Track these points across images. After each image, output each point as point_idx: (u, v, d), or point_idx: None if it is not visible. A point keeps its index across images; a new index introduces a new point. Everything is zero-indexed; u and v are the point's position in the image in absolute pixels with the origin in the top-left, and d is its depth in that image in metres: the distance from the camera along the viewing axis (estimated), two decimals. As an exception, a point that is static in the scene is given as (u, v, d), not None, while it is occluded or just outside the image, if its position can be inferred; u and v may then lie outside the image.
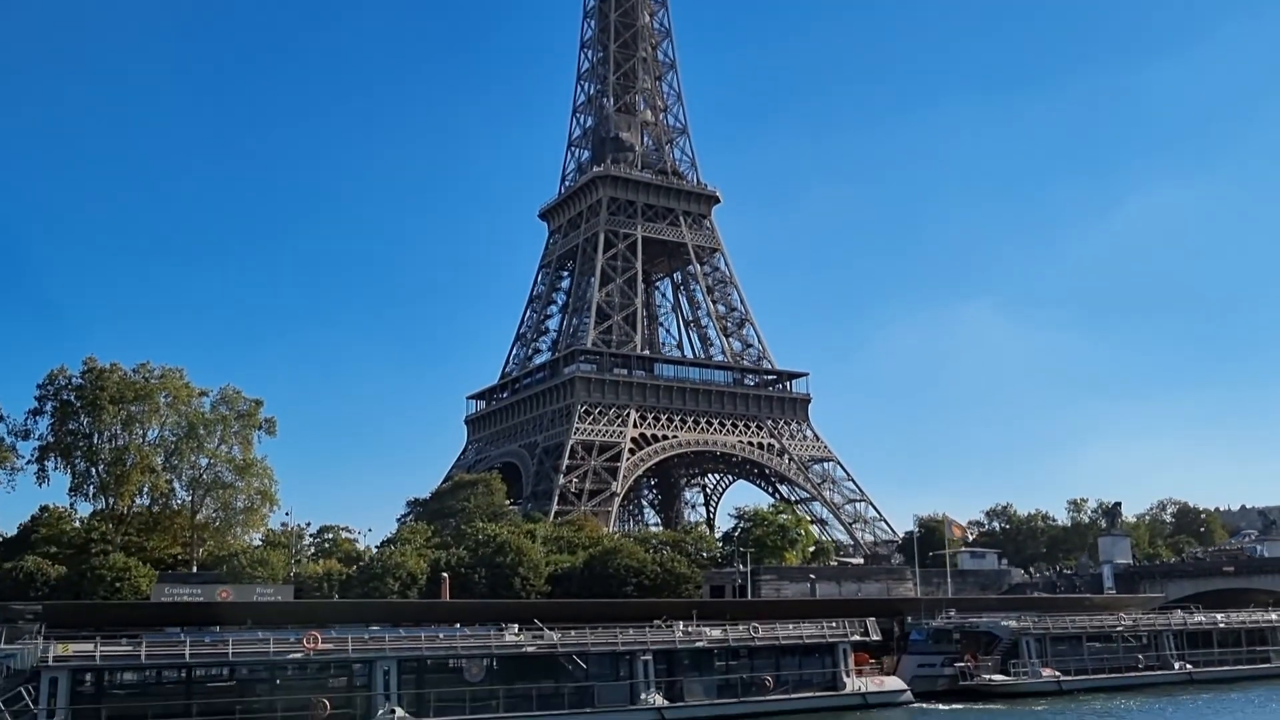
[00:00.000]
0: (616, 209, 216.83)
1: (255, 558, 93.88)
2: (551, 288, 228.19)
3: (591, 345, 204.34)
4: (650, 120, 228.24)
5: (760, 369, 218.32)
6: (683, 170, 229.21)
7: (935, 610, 75.25)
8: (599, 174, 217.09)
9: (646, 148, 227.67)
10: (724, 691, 56.70)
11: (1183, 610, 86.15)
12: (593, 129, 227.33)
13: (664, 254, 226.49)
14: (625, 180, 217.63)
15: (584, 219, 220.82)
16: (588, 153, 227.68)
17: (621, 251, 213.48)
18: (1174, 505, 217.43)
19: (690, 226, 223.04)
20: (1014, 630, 70.81)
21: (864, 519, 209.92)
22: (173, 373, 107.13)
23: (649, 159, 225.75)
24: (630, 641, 54.47)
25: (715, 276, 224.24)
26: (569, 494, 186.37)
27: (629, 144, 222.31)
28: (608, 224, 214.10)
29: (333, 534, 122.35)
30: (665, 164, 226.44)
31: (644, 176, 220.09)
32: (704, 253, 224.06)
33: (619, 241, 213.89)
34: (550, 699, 51.84)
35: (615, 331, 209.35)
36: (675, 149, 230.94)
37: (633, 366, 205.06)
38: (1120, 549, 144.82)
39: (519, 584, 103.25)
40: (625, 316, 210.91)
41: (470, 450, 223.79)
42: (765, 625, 59.92)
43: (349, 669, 48.97)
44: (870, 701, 60.96)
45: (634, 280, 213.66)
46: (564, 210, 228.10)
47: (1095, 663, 73.35)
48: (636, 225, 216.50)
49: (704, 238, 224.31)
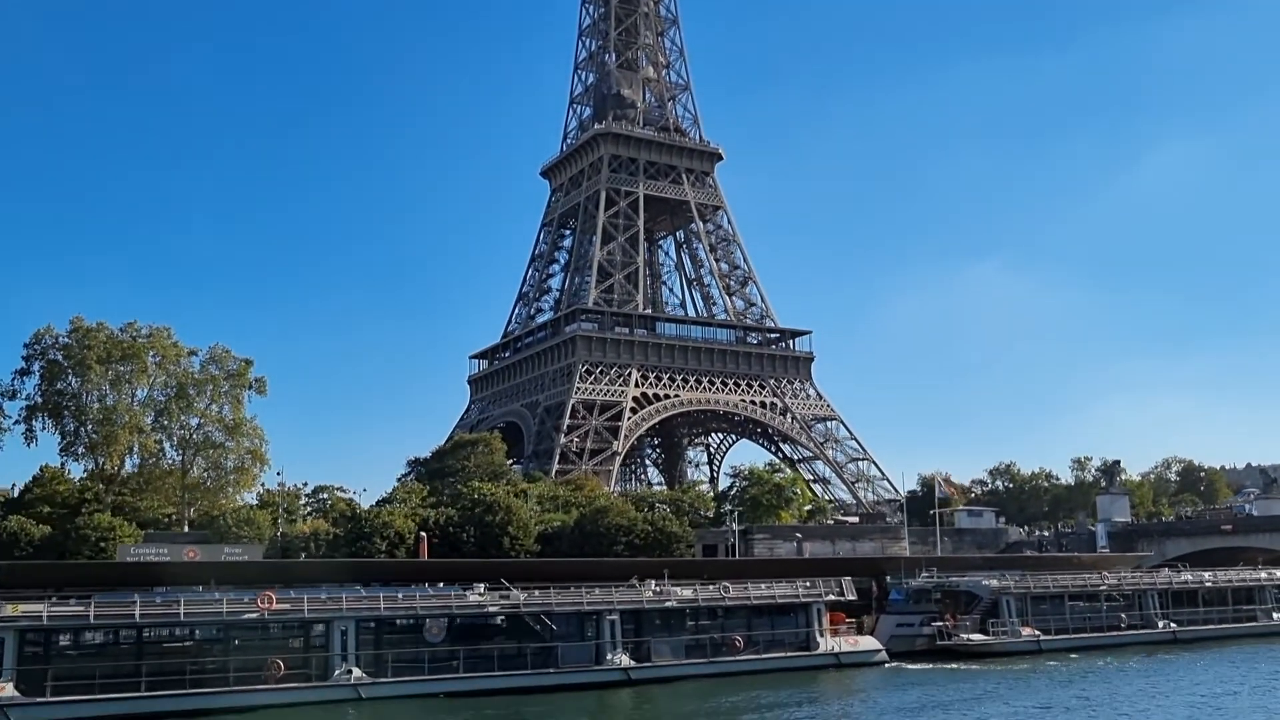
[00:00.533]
0: (618, 166, 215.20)
1: (241, 517, 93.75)
2: (553, 246, 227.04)
3: (593, 304, 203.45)
4: (652, 77, 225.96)
5: (763, 327, 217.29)
6: (685, 127, 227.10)
7: (916, 569, 74.66)
8: (600, 131, 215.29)
9: (648, 104, 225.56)
10: (692, 652, 56.33)
11: (1169, 569, 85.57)
12: (594, 86, 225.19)
13: (666, 212, 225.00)
14: (626, 138, 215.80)
15: (585, 177, 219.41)
16: (589, 110, 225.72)
17: (623, 209, 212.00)
18: (1179, 464, 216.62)
19: (693, 184, 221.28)
20: (994, 589, 70.26)
21: (866, 478, 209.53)
22: (160, 332, 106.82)
23: (651, 116, 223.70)
24: (596, 602, 54.10)
25: (718, 235, 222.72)
26: (570, 453, 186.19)
27: (630, 101, 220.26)
28: (609, 182, 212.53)
29: (328, 494, 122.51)
30: (667, 121, 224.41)
31: (645, 134, 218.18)
32: (706, 210, 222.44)
33: (620, 199, 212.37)
34: (513, 660, 51.52)
35: (617, 290, 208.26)
36: (678, 106, 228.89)
37: (634, 325, 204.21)
38: (1119, 507, 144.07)
39: (508, 543, 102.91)
40: (627, 275, 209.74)
41: (473, 410, 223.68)
42: (737, 585, 59.45)
43: (306, 629, 48.63)
44: (844, 662, 60.53)
45: (636, 238, 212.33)
46: (565, 168, 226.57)
47: (1077, 622, 72.65)
48: (638, 183, 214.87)
49: (707, 195, 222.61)
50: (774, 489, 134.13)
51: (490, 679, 50.13)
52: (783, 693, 52.07)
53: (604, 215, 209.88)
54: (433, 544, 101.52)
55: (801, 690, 53.02)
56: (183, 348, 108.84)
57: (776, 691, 52.27)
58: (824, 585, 62.18)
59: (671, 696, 51.70)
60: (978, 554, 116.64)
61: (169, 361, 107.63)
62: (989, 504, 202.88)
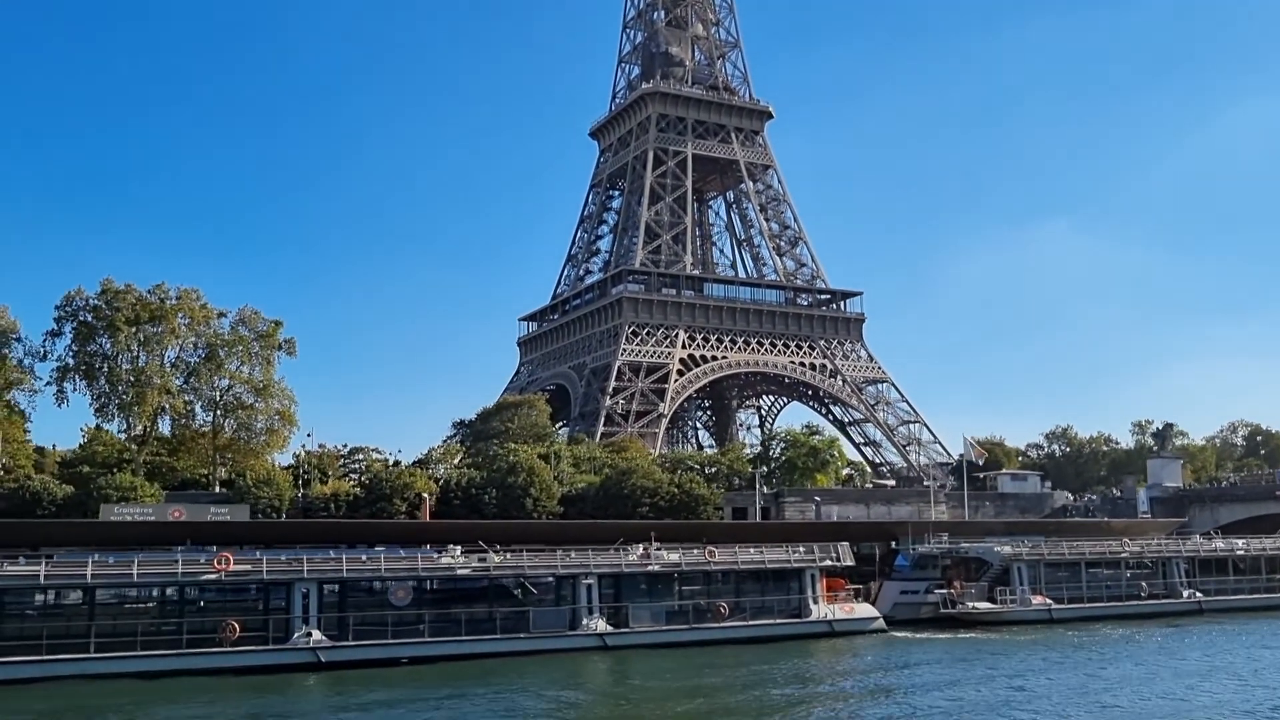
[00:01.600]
0: (666, 126, 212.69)
1: (260, 478, 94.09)
2: (602, 207, 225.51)
3: (639, 265, 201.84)
4: (701, 34, 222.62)
5: (813, 288, 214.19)
6: (735, 85, 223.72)
7: (927, 534, 72.62)
8: (648, 91, 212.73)
9: (697, 63, 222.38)
10: (674, 619, 55.08)
11: (1201, 536, 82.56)
12: (642, 44, 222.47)
13: (716, 172, 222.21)
14: (675, 96, 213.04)
15: (633, 137, 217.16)
16: (638, 69, 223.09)
17: (671, 169, 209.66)
18: (1245, 427, 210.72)
19: (742, 143, 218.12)
20: (1005, 556, 68.10)
21: (918, 441, 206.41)
22: (189, 293, 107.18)
23: (700, 74, 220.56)
24: (572, 565, 53.01)
25: (768, 194, 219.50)
26: (615, 415, 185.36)
27: (679, 59, 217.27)
28: (657, 141, 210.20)
29: (364, 455, 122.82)
30: (716, 79, 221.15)
31: (694, 92, 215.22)
32: (756, 170, 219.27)
33: (668, 159, 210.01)
34: (482, 624, 50.61)
35: (664, 251, 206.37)
36: (727, 64, 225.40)
37: (681, 286, 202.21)
38: (1170, 471, 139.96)
39: (530, 505, 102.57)
40: (674, 235, 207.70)
41: (523, 372, 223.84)
42: (725, 550, 57.99)
43: (266, 591, 48.08)
44: (837, 629, 58.93)
45: (684, 198, 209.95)
46: (614, 128, 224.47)
47: (1094, 590, 70.27)
48: (686, 142, 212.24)
49: (756, 154, 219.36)
50: (810, 451, 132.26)
51: (458, 644, 49.37)
52: (764, 661, 50.69)
53: (652, 175, 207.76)
54: (454, 506, 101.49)
55: (783, 659, 51.51)
56: (212, 309, 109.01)
57: (758, 660, 50.92)
58: (820, 550, 60.45)
59: (648, 663, 50.46)
60: (1021, 518, 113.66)
61: (198, 323, 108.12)
62: (1044, 468, 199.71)
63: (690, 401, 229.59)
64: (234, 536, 58.24)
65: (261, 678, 44.35)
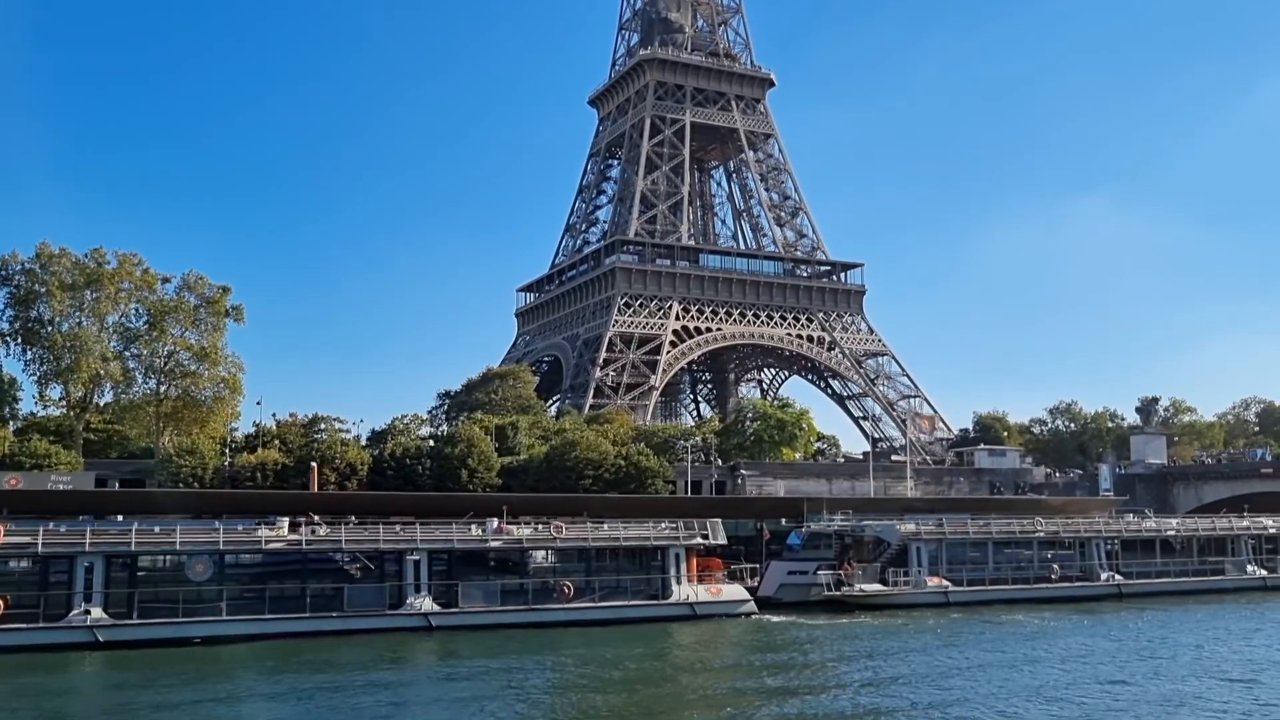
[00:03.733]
0: (664, 93, 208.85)
1: (184, 446, 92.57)
2: (601, 177, 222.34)
3: (634, 235, 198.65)
4: (702, 0, 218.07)
5: (812, 259, 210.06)
6: (736, 52, 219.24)
7: (836, 510, 69.40)
8: (645, 57, 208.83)
9: (698, 29, 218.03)
10: (511, 598, 52.09)
11: (1135, 515, 78.78)
12: (642, 10, 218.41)
13: (716, 141, 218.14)
14: (672, 63, 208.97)
15: (631, 105, 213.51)
16: (637, 35, 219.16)
17: (668, 138, 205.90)
18: (1259, 404, 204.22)
19: (743, 111, 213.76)
20: (903, 535, 64.73)
21: (919, 415, 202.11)
22: (129, 258, 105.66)
23: (700, 41, 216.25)
24: (396, 540, 50.42)
25: (769, 164, 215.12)
26: (605, 387, 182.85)
27: (678, 25, 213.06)
28: (654, 109, 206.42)
29: (325, 425, 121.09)
30: (717, 46, 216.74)
31: (692, 59, 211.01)
32: (757, 138, 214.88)
33: (665, 127, 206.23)
34: (291, 602, 48.15)
35: (660, 221, 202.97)
36: (729, 30, 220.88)
37: (675, 257, 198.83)
38: (1154, 448, 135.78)
39: (466, 476, 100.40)
40: (671, 205, 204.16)
41: (519, 343, 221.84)
42: (575, 525, 55.27)
43: (45, 566, 45.97)
44: (700, 613, 55.74)
45: (681, 167, 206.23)
46: (612, 96, 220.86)
47: (1000, 572, 66.74)
48: (685, 110, 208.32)
49: (757, 123, 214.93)
50: (778, 425, 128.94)
51: (260, 623, 46.81)
52: (594, 646, 48.08)
53: (648, 144, 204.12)
54: (387, 477, 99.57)
55: (619, 644, 48.67)
56: (154, 274, 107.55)
57: (590, 645, 48.30)
58: (688, 528, 57.56)
59: (472, 647, 47.84)
60: (990, 495, 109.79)
61: (142, 288, 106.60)
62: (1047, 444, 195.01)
63: (689, 374, 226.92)
64: (80, 505, 56.22)
65: (30, 656, 42.31)
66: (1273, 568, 75.90)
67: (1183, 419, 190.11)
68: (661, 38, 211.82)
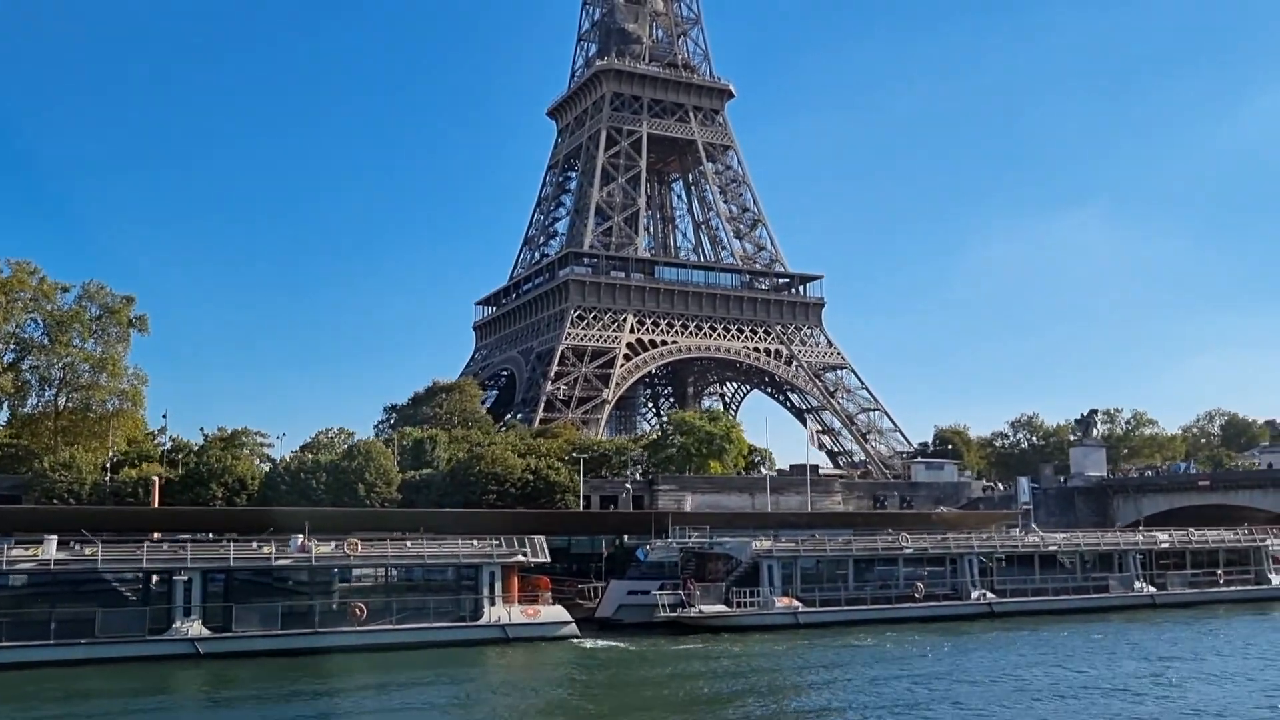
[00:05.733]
0: (620, 104, 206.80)
1: (61, 460, 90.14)
2: (559, 189, 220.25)
3: (589, 247, 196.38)
4: (661, 10, 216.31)
5: (771, 272, 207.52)
6: (695, 63, 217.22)
7: (676, 526, 66.28)
8: (602, 68, 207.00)
9: (657, 40, 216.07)
10: (294, 621, 48.98)
11: (1022, 529, 75.96)
12: (600, 21, 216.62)
13: (676, 153, 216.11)
14: (629, 74, 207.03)
15: (588, 116, 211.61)
16: (595, 46, 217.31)
17: (625, 149, 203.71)
18: (1222, 416, 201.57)
19: (701, 122, 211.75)
20: (754, 552, 61.87)
21: (878, 429, 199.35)
22: (22, 266, 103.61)
23: (659, 52, 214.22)
24: (162, 559, 47.58)
25: (727, 175, 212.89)
26: (556, 401, 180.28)
27: (635, 36, 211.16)
28: (610, 120, 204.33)
29: (247, 439, 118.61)
30: (675, 57, 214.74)
31: (649, 69, 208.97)
32: (715, 150, 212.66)
33: (622, 138, 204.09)
34: (31, 628, 44.69)
35: (616, 233, 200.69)
36: (688, 42, 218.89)
37: (630, 269, 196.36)
38: (1093, 460, 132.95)
39: (363, 491, 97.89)
40: (626, 218, 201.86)
41: (478, 357, 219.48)
42: (372, 540, 52.49)
43: None
44: (512, 635, 52.62)
45: (638, 179, 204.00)
46: (570, 108, 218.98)
47: (860, 592, 63.79)
48: (642, 121, 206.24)
49: (715, 134, 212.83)
50: (705, 438, 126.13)
51: (1, 651, 43.85)
52: (380, 673, 45.42)
53: (604, 155, 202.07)
54: (280, 492, 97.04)
55: (406, 671, 46.00)
56: (52, 284, 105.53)
57: (376, 671, 45.65)
58: (509, 544, 54.84)
59: (248, 675, 45.09)
60: (934, 509, 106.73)
61: (44, 298, 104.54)
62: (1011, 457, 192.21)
63: (650, 387, 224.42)
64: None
65: None
66: (1163, 584, 72.92)
67: (1144, 431, 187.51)
68: (619, 48, 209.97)
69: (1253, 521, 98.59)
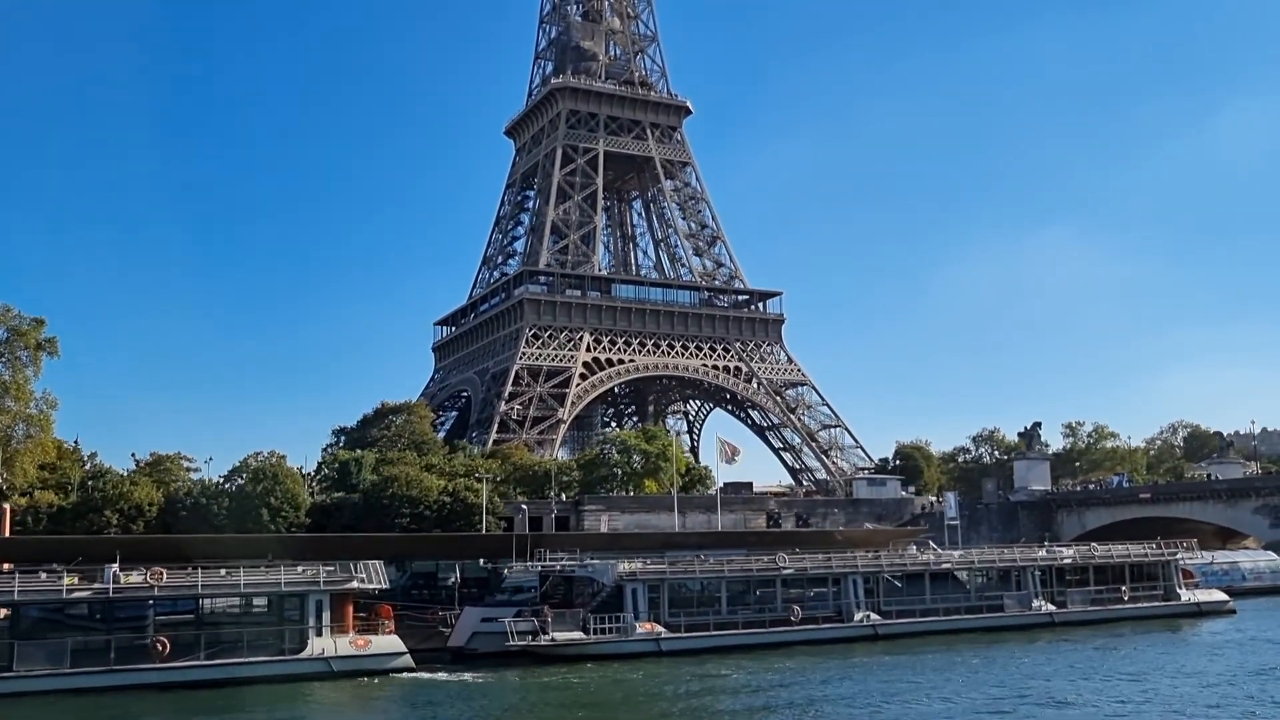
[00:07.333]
0: (576, 122, 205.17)
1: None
2: (517, 208, 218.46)
3: (544, 265, 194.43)
4: (618, 28, 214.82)
5: (730, 289, 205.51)
6: (652, 80, 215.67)
7: (561, 547, 64.05)
8: (557, 86, 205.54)
9: (614, 58, 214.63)
10: (85, 658, 46.10)
11: (919, 547, 73.48)
12: (557, 39, 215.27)
13: (633, 169, 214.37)
14: (585, 92, 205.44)
15: (545, 134, 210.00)
16: (552, 65, 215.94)
17: (581, 167, 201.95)
18: (1185, 428, 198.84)
19: (658, 140, 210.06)
20: (618, 575, 59.33)
21: (839, 446, 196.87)
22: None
23: (615, 69, 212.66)
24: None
25: (686, 193, 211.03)
26: (510, 421, 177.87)
27: (591, 53, 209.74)
28: (566, 138, 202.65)
29: (170, 464, 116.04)
30: (632, 74, 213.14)
31: (605, 87, 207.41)
32: (673, 167, 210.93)
33: (578, 156, 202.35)
34: None
35: (572, 251, 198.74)
36: (645, 59, 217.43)
37: (586, 287, 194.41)
38: (1037, 474, 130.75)
39: (268, 516, 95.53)
40: (583, 235, 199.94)
41: (436, 378, 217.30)
42: (177, 570, 49.84)
43: None
44: (337, 669, 49.88)
45: (594, 197, 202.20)
46: (527, 126, 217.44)
47: (733, 616, 61.27)
48: (598, 139, 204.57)
49: (673, 151, 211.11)
50: (640, 455, 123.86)
51: None
52: (152, 716, 42.99)
53: (560, 173, 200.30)
54: (180, 517, 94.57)
55: (183, 714, 43.49)
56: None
57: (149, 715, 43.21)
58: (341, 570, 52.33)
59: (18, 717, 42.64)
60: (865, 528, 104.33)
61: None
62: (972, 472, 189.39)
63: (612, 407, 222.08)
64: None
65: None
66: (1063, 602, 70.40)
67: (1105, 444, 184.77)
68: (575, 66, 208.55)
69: (1197, 534, 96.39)
